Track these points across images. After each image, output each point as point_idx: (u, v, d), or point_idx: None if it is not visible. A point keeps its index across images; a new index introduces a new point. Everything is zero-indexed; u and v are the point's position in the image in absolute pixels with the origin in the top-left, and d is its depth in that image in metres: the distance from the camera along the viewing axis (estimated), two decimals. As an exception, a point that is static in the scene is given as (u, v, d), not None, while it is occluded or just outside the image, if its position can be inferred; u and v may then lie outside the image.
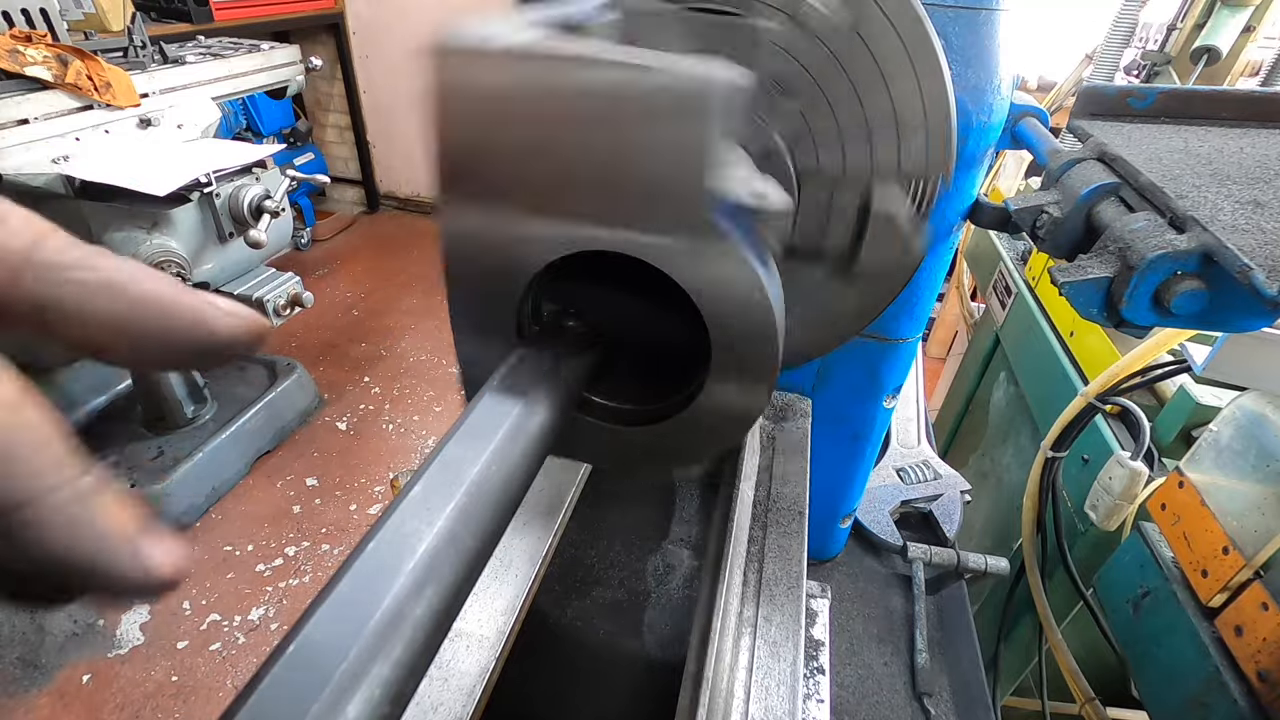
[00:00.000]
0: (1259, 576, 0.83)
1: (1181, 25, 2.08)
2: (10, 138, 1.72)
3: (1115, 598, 1.07)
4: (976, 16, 0.61)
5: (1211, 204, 0.46)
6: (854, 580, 1.09)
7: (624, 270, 0.32)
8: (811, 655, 0.66)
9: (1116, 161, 0.55)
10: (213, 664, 2.11)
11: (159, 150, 2.04)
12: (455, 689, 0.53)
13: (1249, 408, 0.92)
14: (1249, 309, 0.43)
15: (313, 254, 4.57)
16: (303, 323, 3.73)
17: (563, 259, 0.32)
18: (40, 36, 1.92)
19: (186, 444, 2.58)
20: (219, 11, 3.34)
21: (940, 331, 3.79)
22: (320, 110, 5.03)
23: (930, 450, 1.29)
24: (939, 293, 1.02)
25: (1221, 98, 0.69)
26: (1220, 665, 0.84)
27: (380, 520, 0.24)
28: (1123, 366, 1.18)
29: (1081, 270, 0.46)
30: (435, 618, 0.22)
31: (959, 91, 0.51)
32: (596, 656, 0.65)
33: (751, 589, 0.58)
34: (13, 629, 2.12)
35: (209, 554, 2.45)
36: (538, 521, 0.70)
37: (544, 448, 0.31)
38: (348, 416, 3.16)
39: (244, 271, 2.26)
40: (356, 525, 2.62)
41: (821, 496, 0.96)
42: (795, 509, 0.67)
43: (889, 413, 0.92)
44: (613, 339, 0.41)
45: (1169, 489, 0.99)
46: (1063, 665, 1.22)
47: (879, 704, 0.91)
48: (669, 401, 0.39)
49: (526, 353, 0.35)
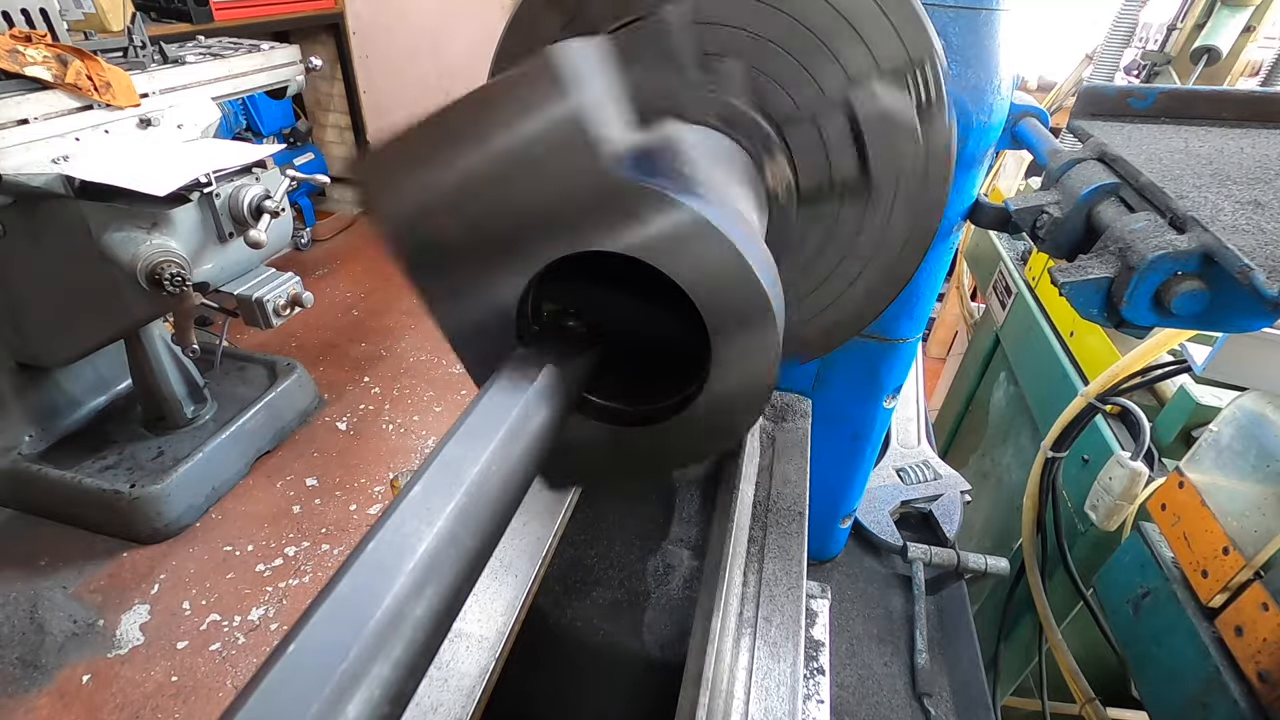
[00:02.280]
0: (1259, 577, 0.83)
1: (1181, 25, 2.08)
2: (10, 138, 1.72)
3: (1115, 598, 1.07)
4: (976, 16, 0.61)
5: (1212, 204, 0.46)
6: (854, 580, 1.09)
7: (623, 271, 0.32)
8: (811, 656, 0.66)
9: (1117, 162, 0.55)
10: (213, 664, 2.11)
11: (159, 150, 2.04)
12: (455, 689, 0.53)
13: (1249, 408, 0.92)
14: (1249, 309, 0.43)
15: (313, 254, 4.57)
16: (303, 323, 3.73)
17: (559, 261, 0.32)
18: (40, 36, 1.92)
19: (186, 444, 2.58)
20: (219, 11, 3.34)
21: (940, 331, 3.79)
22: (320, 110, 5.03)
23: (930, 450, 1.29)
24: (939, 293, 1.02)
25: (1222, 98, 0.69)
26: (1220, 665, 0.84)
27: (380, 520, 0.24)
28: (1123, 367, 1.18)
29: (1082, 270, 0.46)
30: (435, 618, 0.22)
31: (959, 91, 0.51)
32: (596, 657, 0.65)
33: (751, 589, 0.58)
34: (13, 629, 2.12)
35: (209, 554, 2.45)
36: (537, 521, 0.70)
37: (544, 448, 0.31)
38: (348, 416, 3.16)
39: (244, 271, 2.26)
40: (356, 525, 2.62)
41: (821, 496, 0.96)
42: (795, 509, 0.67)
43: (889, 413, 0.92)
44: (612, 339, 0.41)
45: (1169, 489, 0.99)
46: (1063, 665, 1.22)
47: (879, 704, 0.91)
48: (670, 401, 0.39)
49: (526, 353, 0.35)
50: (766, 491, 0.69)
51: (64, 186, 1.83)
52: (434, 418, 3.19)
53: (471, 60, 4.47)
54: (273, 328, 2.24)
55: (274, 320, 2.21)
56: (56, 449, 2.53)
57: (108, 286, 1.99)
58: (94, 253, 1.92)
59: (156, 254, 1.94)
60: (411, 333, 3.74)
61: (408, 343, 3.68)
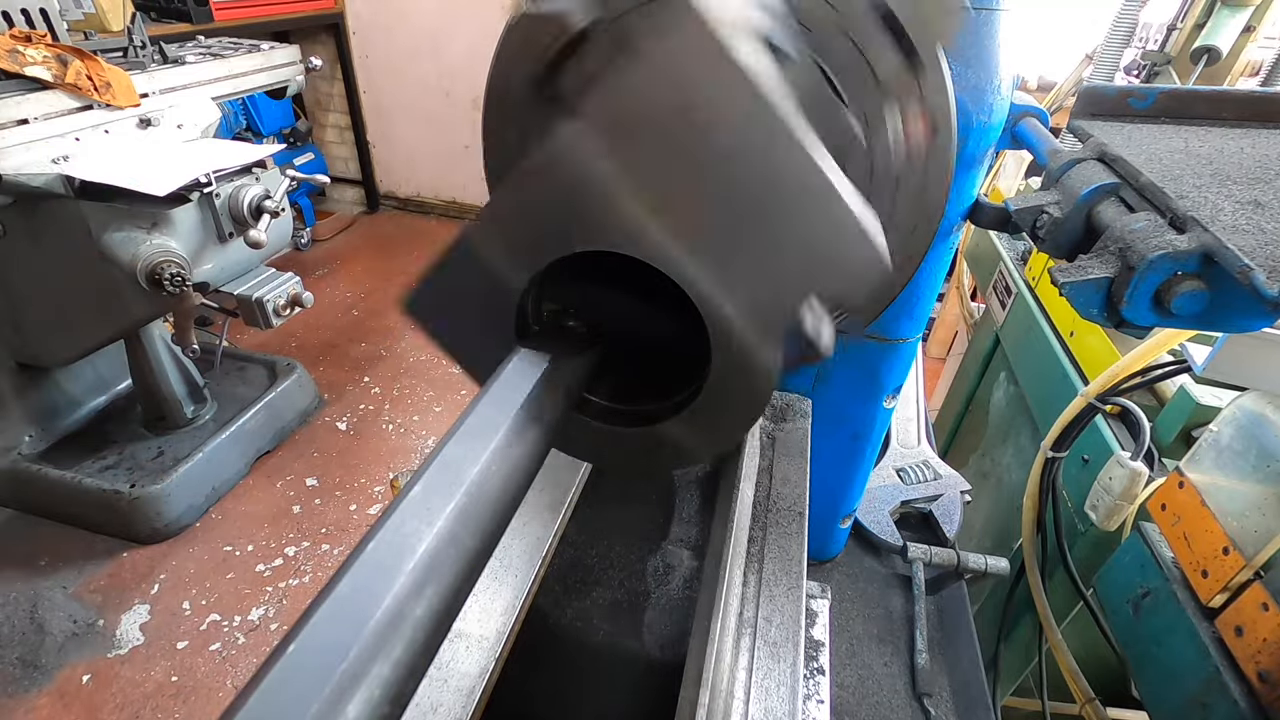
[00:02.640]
0: (1259, 577, 0.83)
1: (1181, 25, 2.08)
2: (10, 138, 1.72)
3: (1115, 598, 1.07)
4: (976, 16, 0.61)
5: (1212, 204, 0.46)
6: (854, 580, 1.09)
7: (624, 271, 0.32)
8: (811, 656, 0.66)
9: (1117, 162, 0.55)
10: (213, 664, 2.11)
11: (159, 150, 2.04)
12: (455, 690, 0.53)
13: (1249, 408, 0.92)
14: (1249, 309, 0.43)
15: (313, 254, 4.57)
16: (303, 323, 3.73)
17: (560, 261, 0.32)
18: (40, 36, 1.92)
19: (186, 444, 2.58)
20: (219, 11, 3.34)
21: (940, 331, 3.79)
22: (320, 110, 5.03)
23: (930, 450, 1.29)
24: (939, 293, 1.02)
25: (1222, 98, 0.69)
26: (1220, 665, 0.84)
27: (380, 520, 0.24)
28: (1123, 366, 1.18)
29: (1082, 270, 0.46)
30: (435, 618, 0.22)
31: (959, 91, 0.51)
32: (596, 657, 0.65)
33: (751, 589, 0.58)
34: (13, 629, 2.12)
35: (209, 554, 2.45)
36: (538, 521, 0.70)
37: (544, 448, 0.31)
38: (348, 416, 3.16)
39: (244, 271, 2.26)
40: (356, 525, 2.62)
41: (821, 497, 0.96)
42: (795, 509, 0.67)
43: (889, 413, 0.92)
44: (612, 339, 0.41)
45: (1169, 489, 0.99)
46: (1063, 665, 1.21)
47: (879, 704, 0.91)
48: (671, 401, 0.39)
49: (527, 353, 0.35)
50: (766, 491, 0.69)
51: (64, 186, 1.83)
52: (434, 418, 3.19)
53: (471, 60, 4.47)
54: (273, 328, 2.24)
55: (274, 320, 2.21)
56: (56, 449, 2.53)
57: (108, 286, 1.99)
58: (94, 253, 1.92)
59: (156, 254, 1.94)
60: (412, 333, 3.72)
61: (408, 343, 3.68)
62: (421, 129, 4.92)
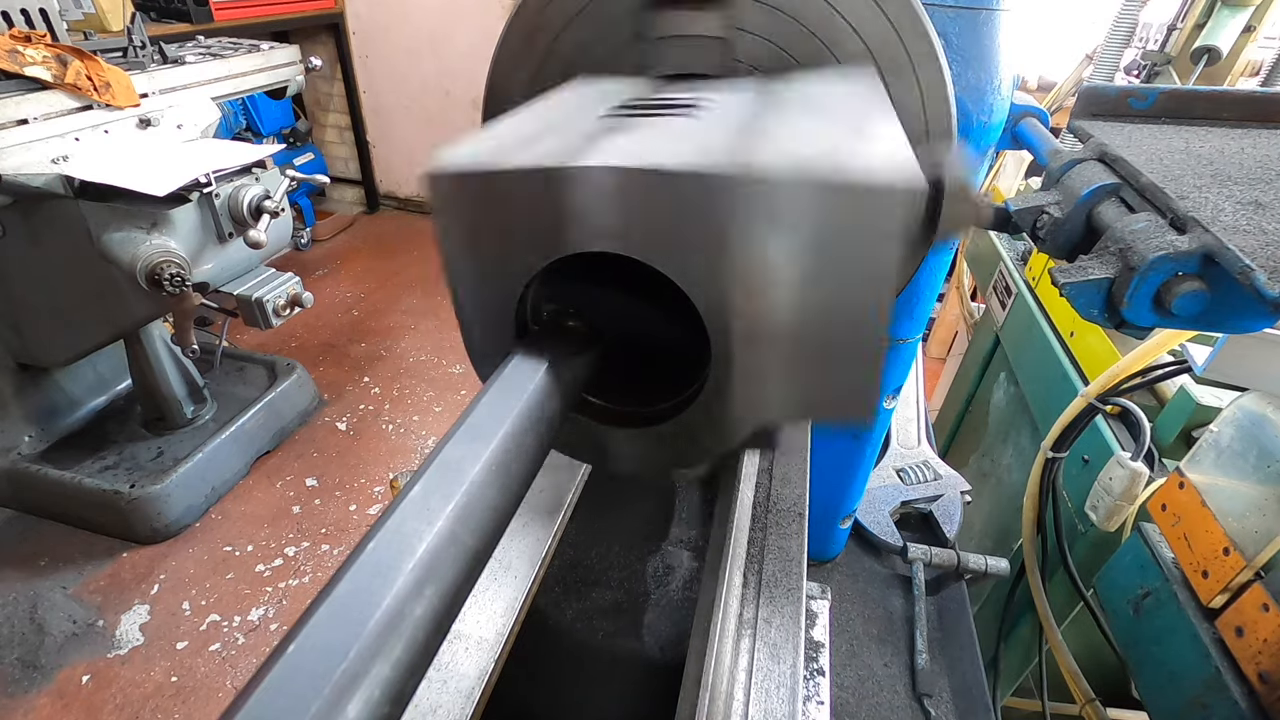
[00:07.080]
0: (1260, 577, 0.83)
1: (1182, 25, 2.07)
2: (10, 138, 1.72)
3: (1116, 598, 1.07)
4: (976, 16, 0.61)
5: (1213, 205, 0.46)
6: (854, 581, 1.09)
7: (624, 271, 0.32)
8: (811, 657, 0.66)
9: (1117, 162, 0.55)
10: (213, 664, 2.11)
11: (158, 150, 2.04)
12: (454, 691, 0.52)
13: (1249, 408, 0.92)
14: (1250, 310, 0.43)
15: (313, 254, 4.57)
16: (303, 323, 3.73)
17: (560, 261, 0.32)
18: (40, 36, 1.92)
19: (186, 444, 2.58)
20: (219, 11, 3.34)
21: (940, 331, 3.79)
22: (320, 110, 5.03)
23: (930, 450, 1.30)
24: (939, 293, 1.02)
25: (1222, 98, 0.69)
26: (1221, 666, 0.84)
27: (380, 520, 0.24)
28: (1123, 367, 1.17)
29: (1082, 271, 0.46)
30: (435, 618, 0.22)
31: (959, 91, 0.51)
32: (596, 658, 0.65)
33: (751, 590, 0.58)
34: (12, 629, 2.12)
35: (209, 554, 2.45)
36: (537, 522, 0.70)
37: (544, 448, 0.31)
38: (348, 416, 3.16)
39: (244, 271, 2.26)
40: (356, 525, 2.62)
41: (821, 497, 0.96)
42: (795, 510, 0.67)
43: (889, 413, 0.92)
44: (612, 339, 0.41)
45: (1169, 490, 0.99)
46: (1063, 666, 1.21)
47: (879, 705, 0.91)
48: (669, 403, 0.39)
49: (527, 353, 0.35)
50: (766, 492, 0.69)
51: (64, 186, 1.83)
52: (434, 418, 3.19)
53: (471, 60, 4.47)
54: (272, 328, 2.24)
55: (274, 320, 2.21)
56: (56, 449, 2.52)
57: (108, 287, 1.99)
58: (94, 253, 1.91)
59: (156, 254, 1.93)
60: (411, 333, 3.74)
61: (408, 343, 3.68)
62: (421, 129, 4.92)
